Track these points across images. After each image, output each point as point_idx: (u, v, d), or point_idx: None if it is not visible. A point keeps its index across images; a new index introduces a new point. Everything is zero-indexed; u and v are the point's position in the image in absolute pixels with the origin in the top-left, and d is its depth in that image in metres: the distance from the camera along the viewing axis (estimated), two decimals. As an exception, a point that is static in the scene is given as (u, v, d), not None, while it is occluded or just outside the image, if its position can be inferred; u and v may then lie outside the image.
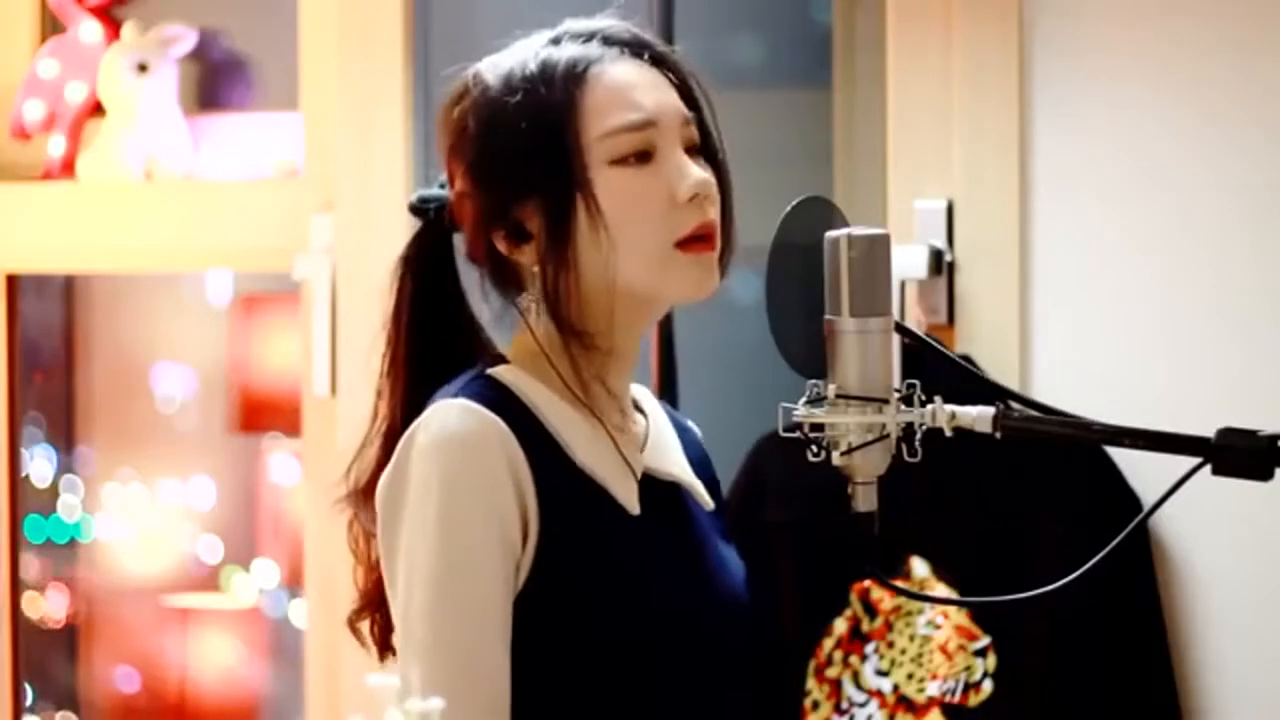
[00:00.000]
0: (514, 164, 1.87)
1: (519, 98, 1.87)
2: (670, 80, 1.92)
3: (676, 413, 2.11)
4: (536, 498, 1.84)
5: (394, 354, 1.97)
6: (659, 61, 1.92)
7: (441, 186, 1.96)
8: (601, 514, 1.88)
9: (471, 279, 1.97)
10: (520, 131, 1.86)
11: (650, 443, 1.96)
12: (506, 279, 1.93)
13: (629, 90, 1.88)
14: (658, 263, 1.86)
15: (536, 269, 1.88)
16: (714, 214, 1.89)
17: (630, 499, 1.90)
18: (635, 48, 1.92)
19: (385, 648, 1.98)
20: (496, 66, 1.91)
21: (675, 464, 1.98)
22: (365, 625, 2.00)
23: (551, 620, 1.85)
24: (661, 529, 1.92)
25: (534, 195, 1.87)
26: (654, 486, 1.93)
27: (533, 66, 1.88)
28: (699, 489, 1.99)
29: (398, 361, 1.96)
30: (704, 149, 1.92)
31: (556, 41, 1.91)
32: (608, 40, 1.91)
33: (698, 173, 1.88)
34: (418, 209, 1.97)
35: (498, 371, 1.90)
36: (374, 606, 1.97)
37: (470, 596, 1.82)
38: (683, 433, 2.05)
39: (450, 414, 1.84)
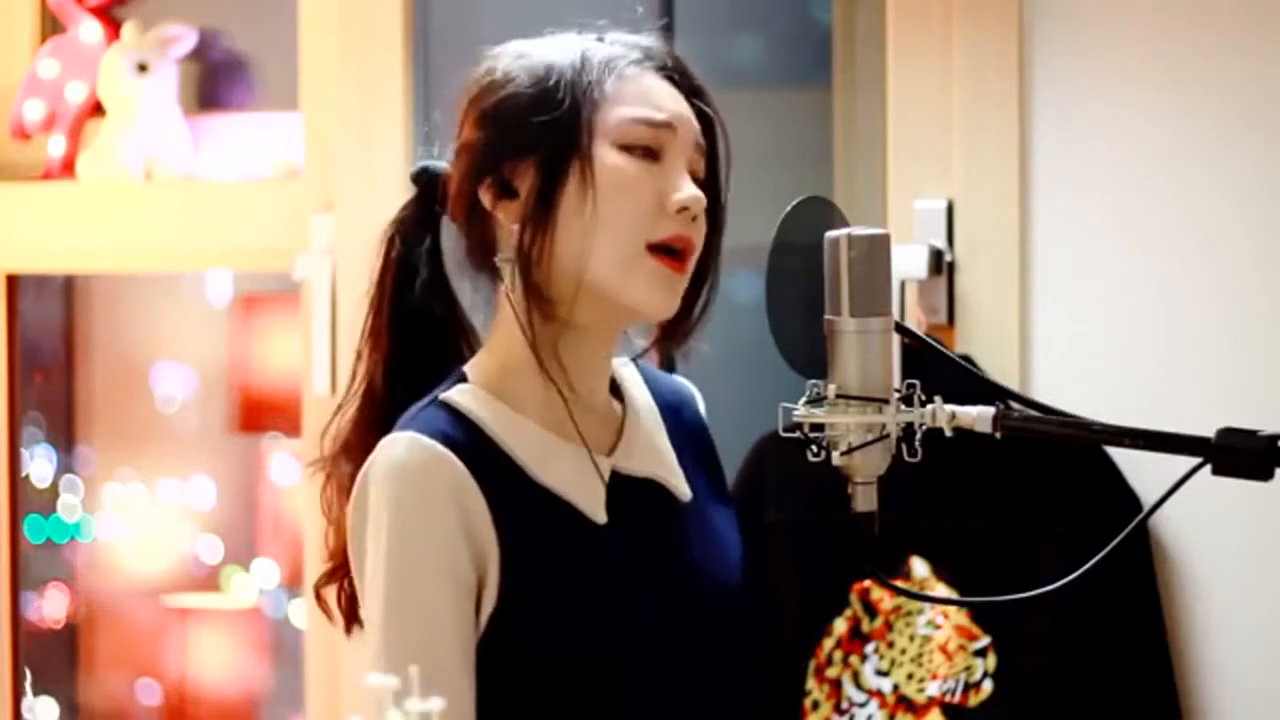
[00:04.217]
0: (524, 118, 1.89)
1: (553, 64, 1.90)
2: (697, 111, 1.93)
3: (669, 378, 2.10)
4: (493, 526, 1.84)
5: (376, 317, 1.99)
6: (691, 93, 1.94)
7: (446, 161, 1.98)
8: (565, 530, 1.88)
9: (452, 261, 1.98)
10: (543, 90, 1.89)
11: (625, 439, 1.96)
12: (481, 244, 1.93)
13: (657, 95, 1.91)
14: (626, 258, 1.87)
15: (515, 227, 1.88)
16: (696, 236, 1.90)
17: (596, 508, 1.89)
18: (672, 70, 1.94)
19: (352, 618, 1.98)
20: (537, 43, 1.94)
21: (652, 458, 1.97)
22: (332, 593, 2.00)
23: (524, 642, 1.85)
24: (633, 534, 1.91)
25: (533, 152, 1.88)
26: (627, 487, 1.93)
27: (573, 50, 1.92)
28: (678, 484, 1.98)
29: (379, 326, 1.98)
30: (708, 186, 1.92)
31: (600, 40, 1.95)
32: (648, 54, 1.94)
33: (694, 189, 1.89)
34: (418, 177, 1.99)
35: (451, 396, 1.90)
36: (343, 572, 1.97)
37: (421, 634, 1.82)
38: (671, 397, 2.04)
39: (398, 448, 1.85)
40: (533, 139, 1.88)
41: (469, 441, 1.86)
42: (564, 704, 1.86)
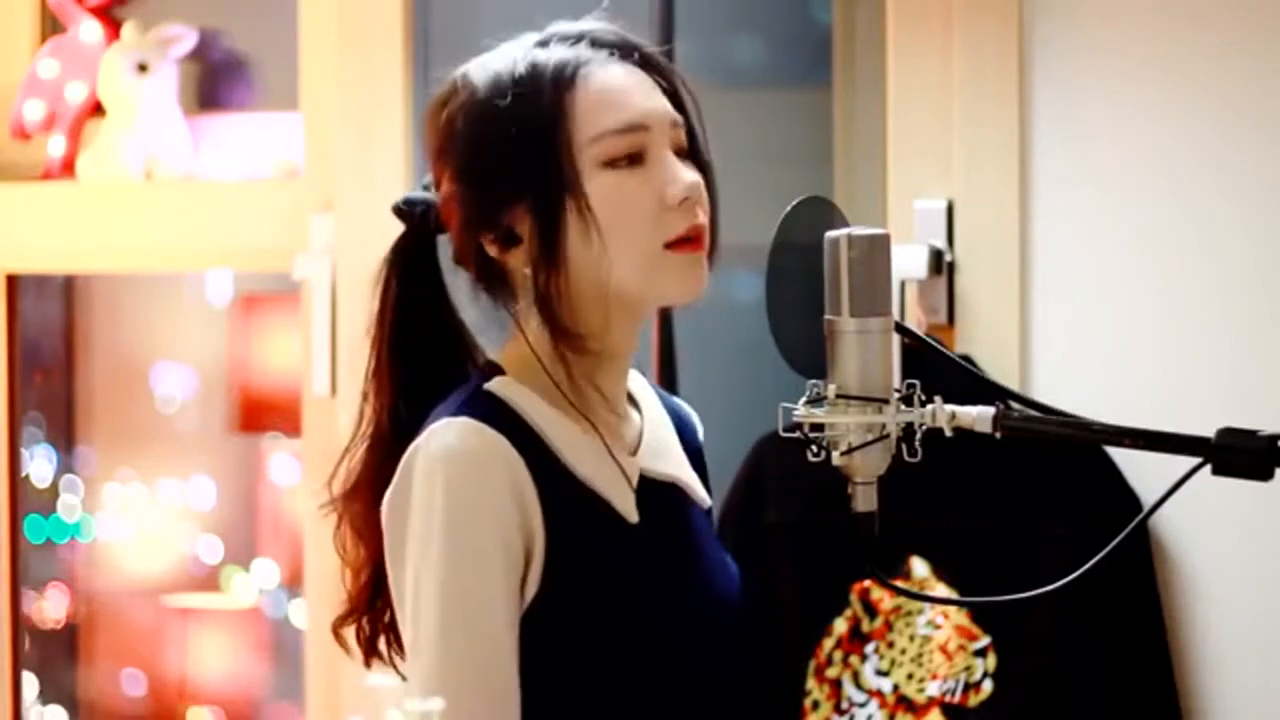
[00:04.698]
0: (504, 168, 1.87)
1: (508, 100, 1.87)
2: (658, 83, 1.91)
3: (671, 397, 2.10)
4: (542, 514, 1.83)
5: (379, 357, 1.96)
6: (647, 64, 1.92)
7: (426, 189, 1.96)
8: (604, 526, 1.88)
9: (457, 282, 1.97)
10: (510, 135, 1.86)
11: (645, 442, 1.95)
12: (495, 282, 1.92)
13: (619, 93, 1.88)
14: (648, 264, 1.86)
15: (528, 271, 1.88)
16: (703, 217, 1.89)
17: (628, 508, 1.90)
18: (623, 50, 1.91)
19: (371, 653, 1.97)
20: (484, 69, 1.90)
21: (672, 462, 1.97)
22: (351, 630, 1.99)
23: (559, 634, 1.84)
24: (660, 536, 1.92)
25: (524, 199, 1.86)
26: (652, 489, 1.93)
27: (521, 69, 1.88)
28: (696, 488, 1.99)
29: (383, 364, 1.96)
30: (691, 152, 1.92)
31: (544, 44, 1.91)
32: (595, 43, 1.90)
33: (688, 176, 1.88)
34: (402, 211, 1.97)
35: (494, 386, 1.89)
36: (360, 611, 1.96)
37: (477, 616, 1.81)
38: (675, 420, 2.05)
39: (451, 433, 1.83)
40: (518, 186, 1.86)
41: (515, 430, 1.85)
42: (581, 695, 1.85)
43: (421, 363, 1.95)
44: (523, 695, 1.84)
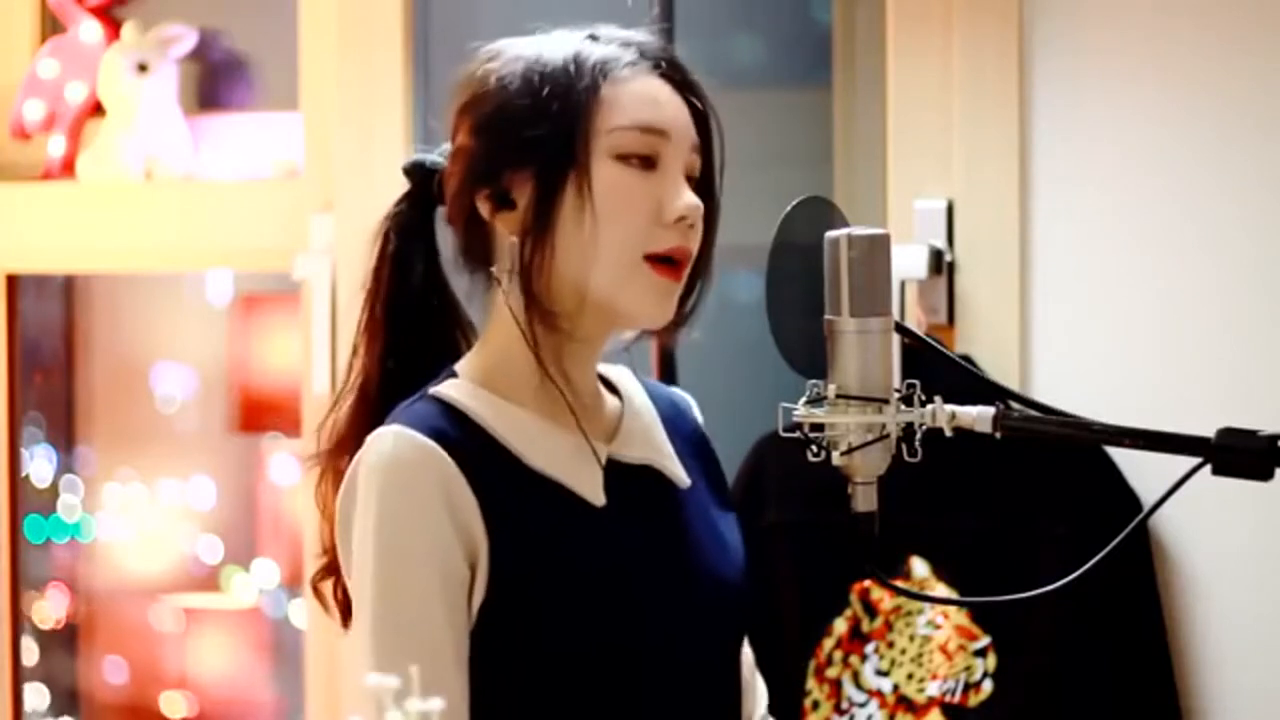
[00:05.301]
0: (521, 129, 1.88)
1: (546, 70, 1.89)
2: (692, 108, 1.93)
3: (663, 387, 2.10)
4: (482, 517, 1.84)
5: (371, 312, 1.99)
6: (687, 88, 1.93)
7: (441, 155, 1.97)
8: (563, 514, 1.88)
9: (448, 256, 1.98)
10: (538, 99, 1.88)
11: (623, 428, 1.96)
12: (478, 248, 1.94)
13: (651, 98, 1.90)
14: (625, 269, 1.87)
15: (514, 239, 1.89)
16: (694, 243, 1.90)
17: (593, 490, 1.90)
18: (667, 67, 1.93)
19: (348, 612, 1.98)
20: (532, 43, 1.93)
21: (650, 447, 1.97)
22: (328, 587, 2.00)
23: (520, 628, 1.85)
24: (632, 517, 1.92)
25: (531, 164, 1.88)
26: (624, 474, 1.93)
27: (567, 52, 1.90)
28: (673, 468, 1.98)
29: (375, 320, 1.98)
30: (703, 182, 1.92)
31: (594, 39, 1.93)
32: (643, 52, 1.93)
33: (692, 197, 1.89)
34: (410, 171, 1.98)
35: (441, 390, 1.90)
36: (338, 568, 1.97)
37: (412, 623, 1.83)
38: (669, 407, 2.05)
39: (384, 443, 1.85)
40: (529, 151, 1.88)
41: (457, 433, 1.86)
42: (564, 686, 1.86)
43: (412, 320, 1.98)
44: (497, 693, 1.84)
